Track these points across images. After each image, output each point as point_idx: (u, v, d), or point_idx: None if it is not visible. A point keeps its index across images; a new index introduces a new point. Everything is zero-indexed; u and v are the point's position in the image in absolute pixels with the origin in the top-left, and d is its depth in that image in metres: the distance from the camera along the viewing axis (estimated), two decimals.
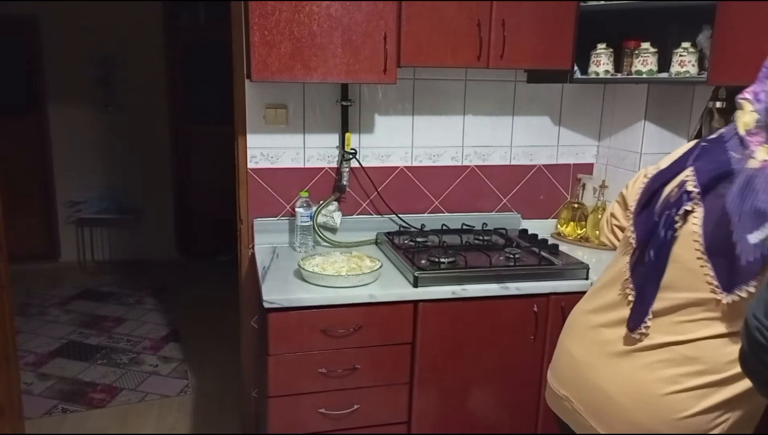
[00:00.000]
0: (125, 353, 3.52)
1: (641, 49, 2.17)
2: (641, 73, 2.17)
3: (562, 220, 2.58)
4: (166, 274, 4.89)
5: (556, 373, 1.49)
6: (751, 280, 1.09)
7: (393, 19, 2.04)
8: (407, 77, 2.42)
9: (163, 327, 3.90)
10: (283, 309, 1.87)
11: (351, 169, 2.43)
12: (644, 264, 1.28)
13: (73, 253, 5.02)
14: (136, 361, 3.43)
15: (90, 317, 4.02)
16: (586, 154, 2.69)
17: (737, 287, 1.11)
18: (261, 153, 2.37)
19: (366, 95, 2.42)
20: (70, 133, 4.89)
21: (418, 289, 1.96)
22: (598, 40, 2.26)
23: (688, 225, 1.20)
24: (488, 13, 2.09)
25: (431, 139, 2.51)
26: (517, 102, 2.57)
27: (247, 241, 2.42)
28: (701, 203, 1.19)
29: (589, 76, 2.30)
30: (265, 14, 1.94)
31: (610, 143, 2.60)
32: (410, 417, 2.06)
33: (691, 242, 1.19)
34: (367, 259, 2.11)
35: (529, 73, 2.53)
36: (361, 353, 1.96)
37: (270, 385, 1.92)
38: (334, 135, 2.42)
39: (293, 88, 2.34)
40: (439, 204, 2.57)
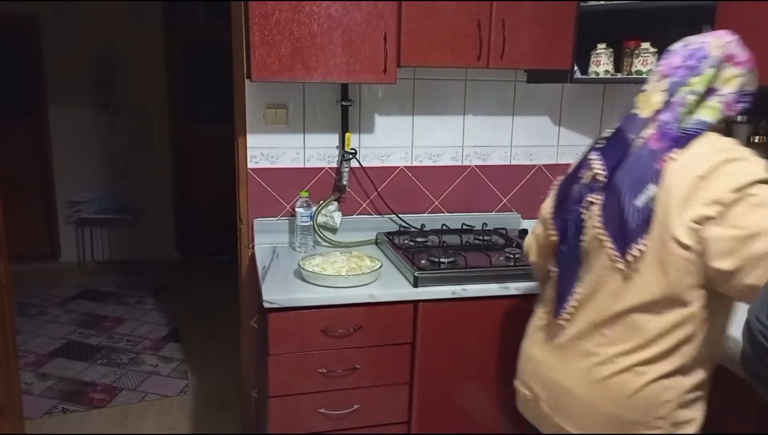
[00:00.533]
0: (125, 353, 3.52)
1: (641, 49, 2.17)
2: (641, 73, 2.17)
3: None
4: (166, 274, 4.89)
5: (519, 376, 1.55)
6: (640, 239, 1.21)
7: (393, 19, 2.04)
8: (407, 77, 2.42)
9: (163, 327, 3.90)
10: (283, 309, 1.87)
11: (351, 169, 2.43)
12: (561, 256, 1.39)
13: (73, 253, 5.02)
14: (136, 361, 3.43)
15: (90, 317, 4.03)
16: None
17: (629, 249, 1.23)
18: (261, 153, 2.37)
19: (366, 95, 2.42)
20: (70, 133, 4.89)
21: (418, 289, 1.96)
22: (598, 40, 2.26)
23: (592, 212, 1.31)
24: (488, 13, 2.09)
25: (431, 139, 2.51)
26: (517, 102, 2.57)
27: (247, 241, 2.42)
28: (603, 192, 1.30)
29: (589, 76, 2.29)
30: (265, 14, 1.94)
31: None
32: (410, 417, 2.06)
33: (594, 226, 1.31)
34: (367, 259, 2.11)
35: (529, 73, 2.53)
36: (361, 353, 1.96)
37: (270, 385, 1.92)
38: (334, 135, 2.42)
39: (293, 88, 2.34)
40: (439, 204, 2.57)
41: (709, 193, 1.15)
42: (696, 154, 1.21)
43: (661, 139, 1.24)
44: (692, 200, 1.17)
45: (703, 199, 1.16)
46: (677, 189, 1.18)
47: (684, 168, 1.20)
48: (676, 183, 1.19)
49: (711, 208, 1.14)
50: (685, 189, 1.17)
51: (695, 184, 1.17)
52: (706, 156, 1.20)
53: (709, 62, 1.25)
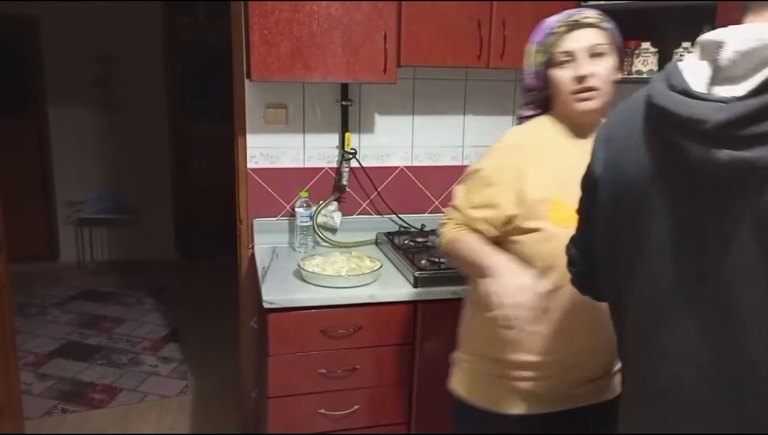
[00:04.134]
0: (125, 353, 3.51)
1: (641, 49, 2.17)
2: (642, 73, 2.17)
3: None
4: (165, 275, 4.89)
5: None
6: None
7: (393, 19, 2.04)
8: (407, 77, 2.42)
9: (162, 327, 3.90)
10: (282, 309, 1.86)
11: (351, 169, 2.42)
12: None
13: (73, 253, 5.01)
14: (136, 361, 3.42)
15: (89, 317, 4.02)
16: None
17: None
18: (261, 153, 2.37)
19: (366, 95, 2.42)
20: (69, 133, 4.89)
21: (418, 289, 1.95)
22: None
23: None
24: (488, 13, 2.09)
25: (431, 139, 2.51)
26: (517, 102, 2.56)
27: (247, 241, 2.42)
28: None
29: None
30: (264, 14, 1.93)
31: None
32: (410, 417, 2.06)
33: None
34: (367, 259, 2.11)
35: None
36: (361, 353, 1.96)
37: (270, 385, 1.92)
38: (334, 135, 2.42)
39: (293, 88, 2.34)
40: (439, 204, 2.56)
41: None
42: None
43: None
44: None
45: None
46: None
47: None
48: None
49: None
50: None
51: None
52: None
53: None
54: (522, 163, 1.36)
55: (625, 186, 0.92)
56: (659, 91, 0.86)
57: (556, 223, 1.31)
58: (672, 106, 0.83)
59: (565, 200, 1.28)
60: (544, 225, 1.32)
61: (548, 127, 1.42)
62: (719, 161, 0.77)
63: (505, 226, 1.37)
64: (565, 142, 1.39)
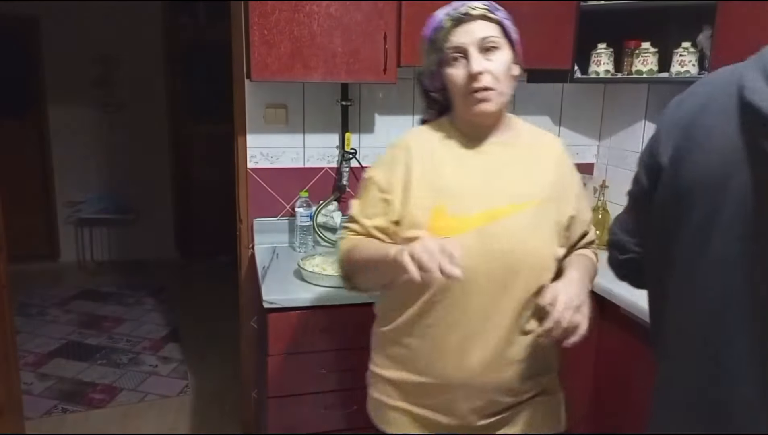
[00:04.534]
0: (125, 353, 3.51)
1: (641, 48, 2.17)
2: (641, 73, 2.17)
3: None
4: (165, 274, 4.89)
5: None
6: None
7: (393, 19, 2.04)
8: (407, 77, 2.42)
9: (162, 327, 3.90)
10: (283, 309, 1.86)
11: (351, 169, 2.42)
12: None
13: (73, 253, 5.02)
14: (136, 361, 3.42)
15: (90, 317, 4.02)
16: (587, 154, 2.68)
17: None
18: (261, 153, 2.37)
19: (366, 95, 2.42)
20: (69, 133, 4.89)
21: None
22: (598, 39, 2.26)
23: None
24: None
25: None
26: (517, 102, 2.56)
27: (247, 241, 2.42)
28: None
29: (590, 76, 2.29)
30: (264, 14, 1.93)
31: (610, 143, 2.60)
32: None
33: None
34: None
35: (529, 73, 2.52)
36: (361, 354, 1.95)
37: (270, 385, 1.92)
38: (334, 135, 2.42)
39: (293, 88, 2.34)
40: None
41: None
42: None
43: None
44: None
45: None
46: None
47: None
48: None
49: None
50: None
51: None
52: None
53: None
54: (407, 168, 1.27)
55: (698, 181, 0.83)
56: (756, 88, 0.75)
57: (435, 232, 1.16)
58: (758, 100, 0.74)
59: (447, 209, 1.22)
60: (422, 234, 1.15)
61: (444, 129, 1.32)
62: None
63: (396, 235, 1.26)
64: (458, 146, 1.29)
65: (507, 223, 1.22)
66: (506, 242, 1.21)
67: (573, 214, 1.30)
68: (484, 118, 1.26)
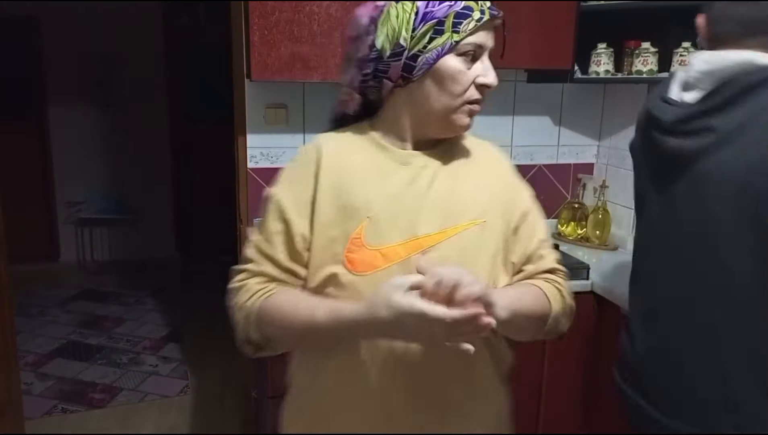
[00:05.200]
0: (125, 353, 3.51)
1: (642, 48, 2.17)
2: (642, 73, 2.17)
3: (563, 220, 2.58)
4: (165, 274, 4.89)
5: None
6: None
7: None
8: None
9: (162, 327, 3.90)
10: None
11: None
12: None
13: (73, 253, 5.02)
14: (136, 361, 3.42)
15: (90, 317, 4.02)
16: (587, 154, 2.68)
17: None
18: (261, 153, 2.37)
19: None
20: (70, 133, 4.89)
21: None
22: (598, 39, 2.26)
23: None
24: None
25: None
26: (517, 102, 2.57)
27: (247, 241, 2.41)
28: None
29: (590, 76, 2.29)
30: (265, 14, 1.93)
31: (610, 143, 2.60)
32: None
33: None
34: None
35: (529, 73, 2.53)
36: None
37: (270, 385, 1.91)
38: None
39: (293, 88, 2.34)
40: None
41: None
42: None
43: None
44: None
45: None
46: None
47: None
48: None
49: None
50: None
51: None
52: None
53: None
54: (316, 181, 1.01)
55: (636, 159, 1.37)
56: (651, 96, 1.29)
57: (352, 268, 0.97)
58: (651, 107, 1.27)
59: (365, 236, 0.97)
60: (337, 270, 0.97)
61: (368, 135, 1.06)
62: (661, 144, 1.22)
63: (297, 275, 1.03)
64: (382, 158, 1.04)
65: (436, 253, 0.97)
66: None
67: (514, 233, 1.07)
68: (458, 132, 1.08)
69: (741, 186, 1.07)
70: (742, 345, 1.12)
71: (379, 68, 1.01)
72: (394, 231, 0.98)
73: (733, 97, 1.09)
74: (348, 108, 1.08)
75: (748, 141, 1.07)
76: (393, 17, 0.99)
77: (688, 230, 1.17)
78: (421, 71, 0.99)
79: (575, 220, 2.53)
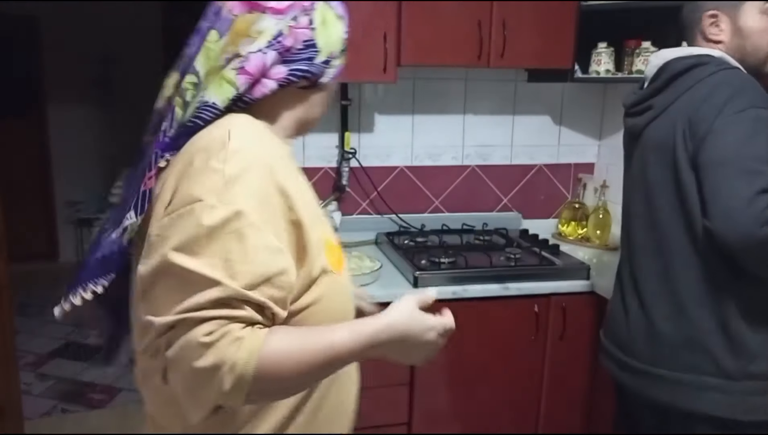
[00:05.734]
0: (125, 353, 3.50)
1: (642, 48, 2.17)
2: (642, 73, 2.15)
3: (563, 220, 2.58)
4: None
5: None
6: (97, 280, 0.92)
7: (393, 19, 2.04)
8: (407, 77, 2.42)
9: None
10: None
11: (351, 168, 2.42)
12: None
13: (73, 253, 5.01)
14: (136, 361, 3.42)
15: None
16: (587, 154, 2.68)
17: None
18: None
19: (366, 94, 2.42)
20: (69, 133, 4.88)
21: (418, 289, 1.95)
22: (598, 39, 2.26)
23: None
24: (488, 13, 2.09)
25: (431, 138, 2.51)
26: (517, 101, 2.56)
27: None
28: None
29: (590, 76, 2.29)
30: None
31: (611, 143, 2.60)
32: (410, 418, 2.05)
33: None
34: (367, 259, 2.11)
35: (529, 73, 2.52)
36: None
37: None
38: (334, 135, 2.41)
39: None
40: (439, 204, 2.56)
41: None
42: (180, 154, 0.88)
43: (156, 145, 0.94)
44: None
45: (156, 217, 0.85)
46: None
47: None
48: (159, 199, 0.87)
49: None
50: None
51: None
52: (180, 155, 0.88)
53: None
54: (282, 191, 0.85)
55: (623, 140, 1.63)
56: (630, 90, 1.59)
57: (335, 268, 0.94)
58: (623, 97, 1.59)
59: (332, 238, 0.97)
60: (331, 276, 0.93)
61: (271, 133, 0.95)
62: (626, 125, 1.56)
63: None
64: (290, 155, 0.99)
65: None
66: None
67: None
68: (305, 133, 1.06)
69: (664, 148, 1.37)
70: (664, 287, 1.40)
71: (304, 67, 0.95)
72: (327, 228, 0.99)
73: (667, 81, 1.41)
74: (254, 93, 0.91)
75: (671, 113, 1.37)
76: (330, 26, 1.00)
77: (636, 193, 1.48)
78: (329, 81, 1.01)
79: (576, 220, 2.53)
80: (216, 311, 0.75)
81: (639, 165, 1.47)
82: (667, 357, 1.39)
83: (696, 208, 1.30)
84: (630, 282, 1.50)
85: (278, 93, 0.93)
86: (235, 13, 0.92)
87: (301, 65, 0.94)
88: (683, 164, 1.31)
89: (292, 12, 0.94)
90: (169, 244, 0.78)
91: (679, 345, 1.37)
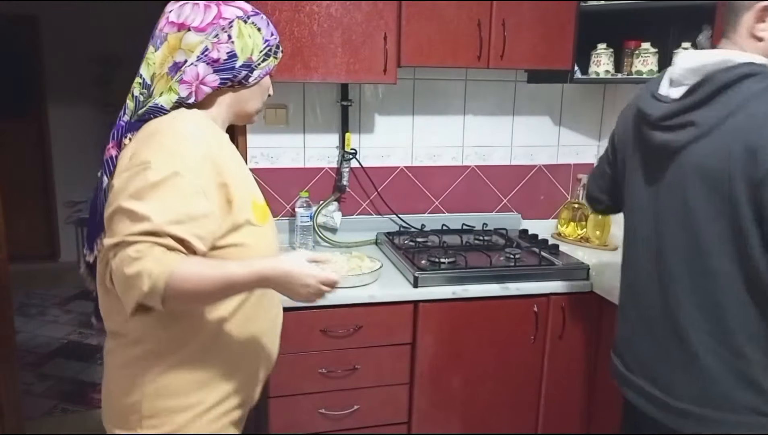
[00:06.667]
0: None
1: (641, 49, 2.17)
2: (641, 73, 2.17)
3: (563, 220, 2.58)
4: None
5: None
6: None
7: (393, 19, 2.04)
8: (407, 77, 2.42)
9: None
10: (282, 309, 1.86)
11: (351, 169, 2.42)
12: None
13: (73, 253, 5.01)
14: None
15: (90, 317, 4.01)
16: (587, 154, 2.69)
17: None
18: (261, 153, 2.37)
19: (366, 95, 2.42)
20: (70, 133, 4.89)
21: (418, 289, 1.95)
22: (598, 40, 2.26)
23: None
24: (488, 13, 2.09)
25: (431, 139, 2.51)
26: (517, 102, 2.57)
27: None
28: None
29: (590, 76, 2.30)
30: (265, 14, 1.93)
31: None
32: (410, 417, 2.06)
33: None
34: (367, 259, 2.11)
35: (529, 73, 2.53)
36: (361, 353, 1.96)
37: (270, 385, 1.92)
38: (334, 135, 2.42)
39: (293, 88, 2.34)
40: (439, 204, 2.56)
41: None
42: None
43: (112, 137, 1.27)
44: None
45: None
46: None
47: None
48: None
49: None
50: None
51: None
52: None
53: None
54: (213, 160, 1.14)
55: (623, 151, 1.50)
56: (641, 93, 1.43)
57: (259, 221, 1.22)
58: (641, 103, 1.40)
59: (257, 197, 1.25)
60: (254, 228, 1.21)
61: (208, 120, 1.23)
62: (651, 139, 1.36)
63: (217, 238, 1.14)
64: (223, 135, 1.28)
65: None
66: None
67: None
68: (247, 124, 1.46)
69: (715, 176, 1.21)
70: (710, 321, 1.27)
71: (229, 76, 1.22)
72: (256, 191, 1.27)
73: (712, 93, 1.22)
74: (192, 98, 1.21)
75: (723, 135, 1.20)
76: (246, 36, 1.21)
77: (671, 217, 1.32)
78: (255, 82, 1.28)
79: (575, 221, 2.53)
80: (145, 238, 1.03)
81: (676, 187, 1.30)
82: (717, 396, 1.27)
83: (754, 240, 1.18)
84: (659, 309, 1.35)
85: (214, 93, 1.22)
86: (166, 32, 1.20)
87: (227, 73, 1.20)
88: (742, 198, 1.17)
89: (213, 30, 1.18)
90: (125, 194, 1.07)
91: (730, 383, 1.25)
